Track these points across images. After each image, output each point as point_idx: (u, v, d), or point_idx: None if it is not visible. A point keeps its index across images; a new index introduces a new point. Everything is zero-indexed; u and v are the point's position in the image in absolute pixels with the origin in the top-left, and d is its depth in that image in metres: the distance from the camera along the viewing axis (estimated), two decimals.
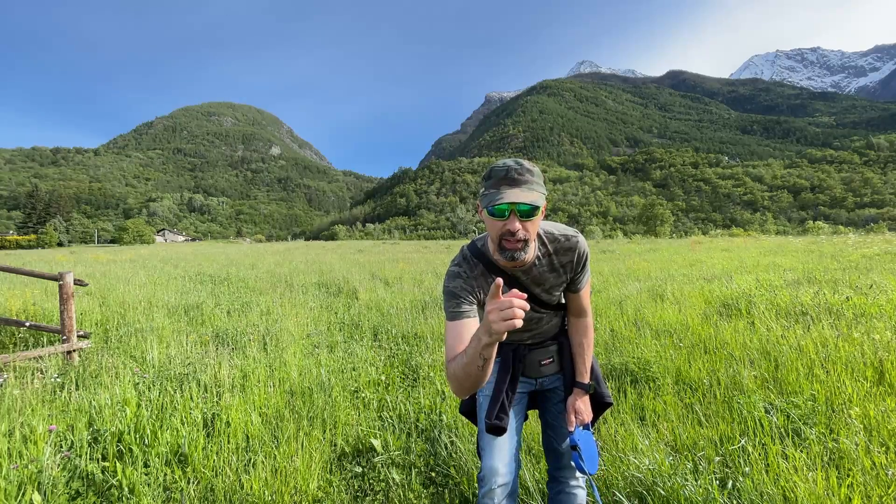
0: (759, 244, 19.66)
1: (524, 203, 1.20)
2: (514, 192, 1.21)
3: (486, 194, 1.26)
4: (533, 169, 1.26)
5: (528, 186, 1.23)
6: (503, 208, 1.22)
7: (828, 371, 2.96)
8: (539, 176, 1.27)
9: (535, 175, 1.26)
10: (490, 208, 1.23)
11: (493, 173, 1.26)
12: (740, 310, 5.04)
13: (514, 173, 1.23)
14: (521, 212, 1.22)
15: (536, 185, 1.25)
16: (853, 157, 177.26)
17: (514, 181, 1.23)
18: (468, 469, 2.19)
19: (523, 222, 1.24)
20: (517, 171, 1.24)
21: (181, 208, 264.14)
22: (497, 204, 1.21)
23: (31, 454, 2.20)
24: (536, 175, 1.26)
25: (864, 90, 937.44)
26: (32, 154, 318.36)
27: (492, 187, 1.25)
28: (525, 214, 1.23)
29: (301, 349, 4.23)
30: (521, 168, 1.24)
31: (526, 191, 1.22)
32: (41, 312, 5.56)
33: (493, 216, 1.25)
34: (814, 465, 1.97)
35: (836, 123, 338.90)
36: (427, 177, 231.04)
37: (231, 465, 2.25)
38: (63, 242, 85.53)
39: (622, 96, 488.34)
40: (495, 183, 1.24)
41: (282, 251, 29.02)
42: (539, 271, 1.43)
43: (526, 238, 1.26)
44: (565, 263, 1.45)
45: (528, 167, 1.25)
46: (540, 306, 1.51)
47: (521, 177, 1.23)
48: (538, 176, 1.27)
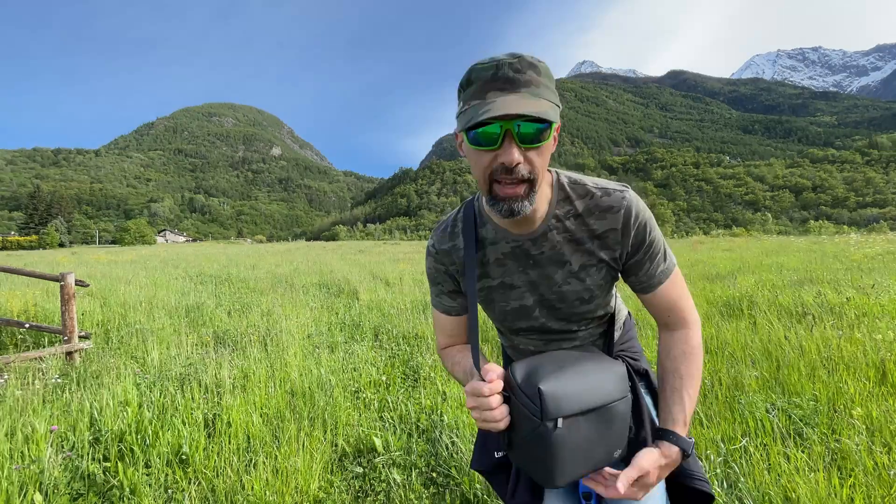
0: (760, 244, 19.63)
1: (527, 117, 0.72)
2: (510, 99, 0.72)
3: (465, 111, 0.76)
4: (538, 65, 0.75)
5: (532, 91, 0.73)
6: (492, 132, 0.73)
7: (830, 371, 2.95)
8: (548, 76, 0.76)
9: (541, 73, 0.75)
10: (472, 133, 0.75)
11: (476, 74, 0.75)
12: (742, 310, 5.03)
13: (507, 70, 0.73)
14: (523, 134, 0.73)
15: (545, 89, 0.75)
16: (855, 156, 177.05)
17: (509, 82, 0.73)
18: (469, 469, 2.19)
19: (526, 151, 0.75)
20: (513, 66, 0.73)
21: (182, 209, 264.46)
22: (481, 121, 0.71)
23: (33, 455, 2.21)
24: (544, 74, 0.75)
25: (865, 90, 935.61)
26: (34, 155, 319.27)
27: (473, 97, 0.75)
28: (529, 138, 0.74)
29: (302, 349, 4.23)
30: (521, 62, 0.73)
31: (528, 97, 0.72)
32: (42, 313, 5.57)
33: (478, 144, 0.76)
34: (816, 465, 1.97)
35: (838, 123, 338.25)
36: (428, 177, 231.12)
37: (232, 465, 2.25)
38: (64, 243, 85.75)
39: (623, 96, 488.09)
40: (479, 89, 0.74)
41: (283, 251, 29.06)
42: (556, 241, 0.90)
43: (531, 177, 0.77)
44: (602, 234, 0.89)
45: (529, 61, 0.74)
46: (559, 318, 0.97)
47: (519, 75, 0.73)
48: (546, 75, 0.76)
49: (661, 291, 0.93)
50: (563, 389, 0.76)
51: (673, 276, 0.94)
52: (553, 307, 0.96)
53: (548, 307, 0.97)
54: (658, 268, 0.92)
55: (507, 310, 1.00)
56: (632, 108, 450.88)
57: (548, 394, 0.75)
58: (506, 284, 0.97)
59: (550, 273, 0.93)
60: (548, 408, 0.74)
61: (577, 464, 0.77)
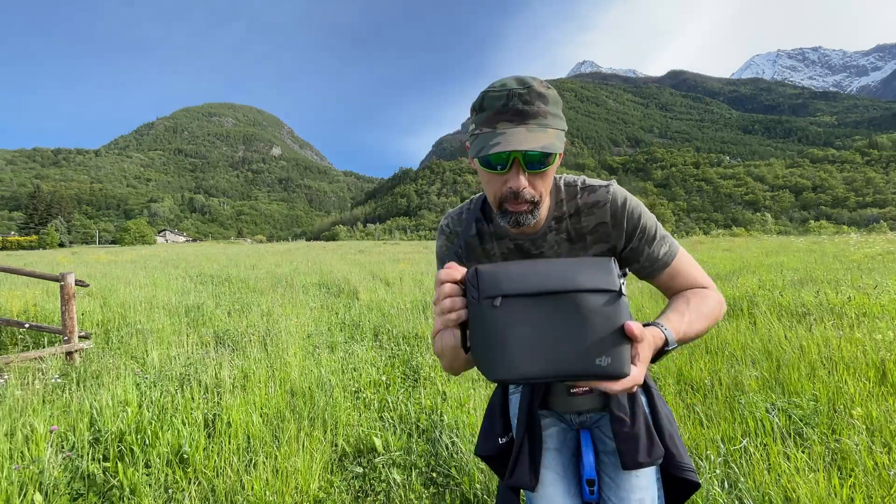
0: (760, 244, 19.64)
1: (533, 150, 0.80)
2: (518, 133, 0.80)
3: (477, 135, 0.85)
4: (546, 93, 0.82)
5: (539, 122, 0.81)
6: (500, 158, 0.83)
7: (830, 371, 2.95)
8: (555, 103, 0.85)
9: (549, 102, 0.83)
10: (483, 157, 0.84)
11: (488, 102, 0.83)
12: (742, 310, 5.03)
13: (517, 102, 0.81)
14: (529, 161, 0.83)
15: (552, 118, 0.83)
16: (855, 156, 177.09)
17: (518, 115, 0.81)
18: (469, 469, 2.19)
19: (531, 176, 0.84)
20: (523, 97, 0.81)
21: (182, 209, 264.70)
22: (493, 153, 0.80)
23: (33, 455, 2.21)
24: (552, 102, 0.83)
25: (865, 89, 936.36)
26: (34, 155, 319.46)
27: (485, 124, 0.83)
28: (534, 164, 0.83)
29: (302, 349, 4.23)
30: (529, 93, 0.81)
31: (535, 130, 0.80)
32: (42, 313, 5.57)
33: (489, 168, 0.85)
34: (816, 465, 1.97)
35: (838, 123, 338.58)
36: (428, 177, 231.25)
37: (232, 465, 2.25)
38: (64, 243, 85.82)
39: (623, 96, 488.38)
40: (491, 118, 0.83)
41: (283, 251, 29.07)
42: (555, 241, 1.00)
43: (535, 199, 0.87)
44: (593, 228, 0.97)
45: (538, 90, 0.81)
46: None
47: (528, 106, 0.81)
48: (554, 103, 0.84)
49: (670, 271, 0.98)
50: (506, 271, 0.72)
51: (680, 255, 0.98)
52: None
53: None
54: (660, 250, 0.97)
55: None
56: (632, 108, 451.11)
57: (484, 272, 0.72)
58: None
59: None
60: (484, 285, 0.70)
61: (529, 356, 0.68)
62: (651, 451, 0.90)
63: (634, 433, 0.92)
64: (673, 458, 0.96)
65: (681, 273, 0.98)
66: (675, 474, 0.96)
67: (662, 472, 1.00)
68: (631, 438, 0.91)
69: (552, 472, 0.98)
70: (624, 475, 0.95)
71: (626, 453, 0.90)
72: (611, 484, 0.97)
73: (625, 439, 0.91)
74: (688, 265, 0.98)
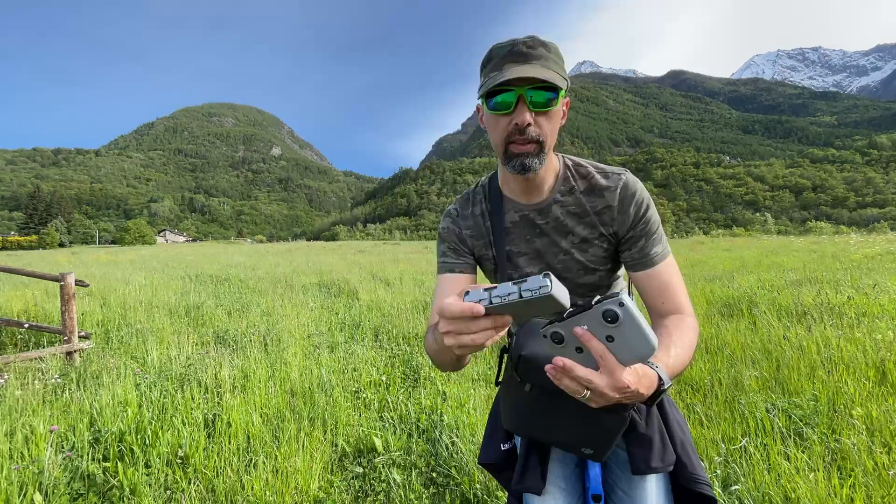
0: (760, 244, 19.63)
1: (537, 84, 0.83)
2: (524, 68, 0.83)
3: (484, 83, 0.89)
4: (549, 44, 0.88)
5: (543, 63, 0.85)
6: (507, 99, 0.85)
7: (830, 371, 2.95)
8: (557, 54, 0.88)
9: (551, 51, 0.87)
10: (490, 100, 0.87)
11: (494, 52, 0.88)
12: (742, 310, 5.03)
13: (521, 46, 0.85)
14: (534, 101, 0.85)
15: (555, 65, 0.87)
16: (855, 156, 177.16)
17: (523, 56, 0.85)
18: (469, 469, 2.19)
19: (536, 115, 0.87)
20: (527, 43, 0.86)
21: (182, 209, 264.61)
22: (499, 85, 0.84)
23: (33, 455, 2.21)
24: (554, 52, 0.88)
25: (865, 90, 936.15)
26: (34, 155, 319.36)
27: (492, 70, 0.88)
28: (539, 103, 0.85)
29: (302, 350, 4.23)
30: (533, 41, 0.86)
31: (539, 68, 0.84)
32: (42, 313, 5.57)
33: (496, 109, 0.88)
34: (816, 465, 1.97)
35: (838, 123, 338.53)
36: (428, 177, 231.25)
37: (232, 465, 2.25)
38: (64, 243, 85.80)
39: (623, 96, 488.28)
40: (497, 63, 0.87)
41: (283, 251, 29.06)
42: (562, 212, 1.00)
43: (540, 139, 0.88)
44: (600, 210, 0.98)
45: (541, 40, 0.87)
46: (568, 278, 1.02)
47: (532, 50, 0.85)
48: (556, 53, 0.88)
49: (655, 272, 0.96)
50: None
51: (669, 260, 0.98)
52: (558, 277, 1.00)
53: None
54: (653, 247, 0.97)
55: (513, 278, 1.03)
56: (632, 108, 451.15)
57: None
58: (513, 252, 1.04)
59: (557, 240, 1.01)
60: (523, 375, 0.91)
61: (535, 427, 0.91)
62: (664, 456, 0.86)
63: (648, 436, 0.88)
64: (685, 468, 0.90)
65: (663, 281, 0.95)
66: (689, 488, 0.90)
67: (674, 484, 0.93)
68: (644, 441, 0.87)
69: (554, 486, 0.96)
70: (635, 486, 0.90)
71: (638, 456, 0.86)
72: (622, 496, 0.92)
73: (637, 442, 0.87)
74: (672, 276, 0.96)
